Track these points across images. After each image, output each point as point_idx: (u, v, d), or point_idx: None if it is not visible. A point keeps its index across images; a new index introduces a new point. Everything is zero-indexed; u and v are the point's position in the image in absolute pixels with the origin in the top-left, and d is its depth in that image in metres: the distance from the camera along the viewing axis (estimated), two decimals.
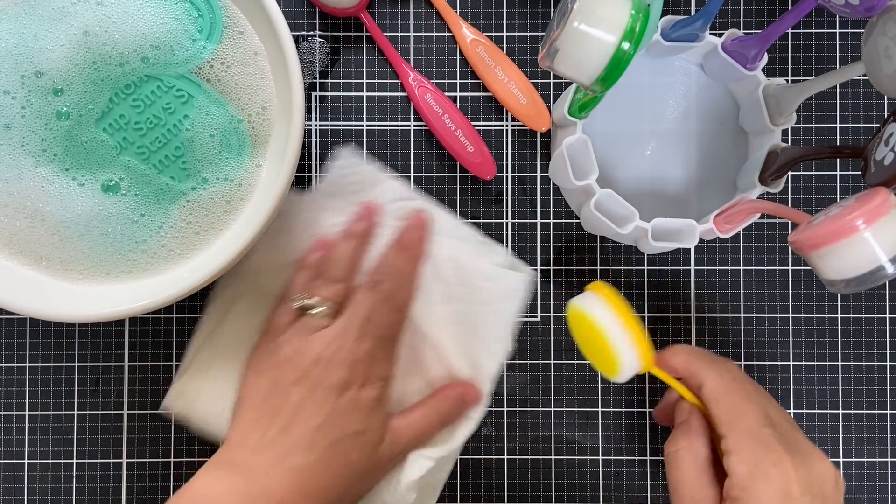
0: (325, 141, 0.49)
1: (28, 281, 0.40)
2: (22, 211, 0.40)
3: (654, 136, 0.48)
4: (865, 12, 0.35)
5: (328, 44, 0.49)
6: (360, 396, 0.41)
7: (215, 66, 0.41)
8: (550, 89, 0.49)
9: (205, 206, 0.42)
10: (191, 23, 0.40)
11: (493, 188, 0.49)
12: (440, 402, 0.44)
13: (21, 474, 0.48)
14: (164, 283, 0.41)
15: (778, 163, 0.42)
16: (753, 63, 0.44)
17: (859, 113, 0.49)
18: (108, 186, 0.41)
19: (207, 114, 0.41)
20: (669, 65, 0.48)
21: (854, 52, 0.49)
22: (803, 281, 0.49)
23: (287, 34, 0.39)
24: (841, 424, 0.49)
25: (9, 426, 0.48)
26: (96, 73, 0.40)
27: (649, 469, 0.49)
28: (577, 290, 0.49)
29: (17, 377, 0.49)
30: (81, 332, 0.49)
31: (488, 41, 0.48)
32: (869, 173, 0.36)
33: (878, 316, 0.49)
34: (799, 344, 0.49)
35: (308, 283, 0.44)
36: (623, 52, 0.33)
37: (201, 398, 0.45)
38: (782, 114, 0.44)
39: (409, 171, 0.49)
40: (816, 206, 0.49)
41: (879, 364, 0.49)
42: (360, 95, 0.49)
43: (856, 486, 0.49)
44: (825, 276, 0.35)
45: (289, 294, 0.44)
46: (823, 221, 0.35)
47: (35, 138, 0.40)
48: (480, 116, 0.49)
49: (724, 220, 0.44)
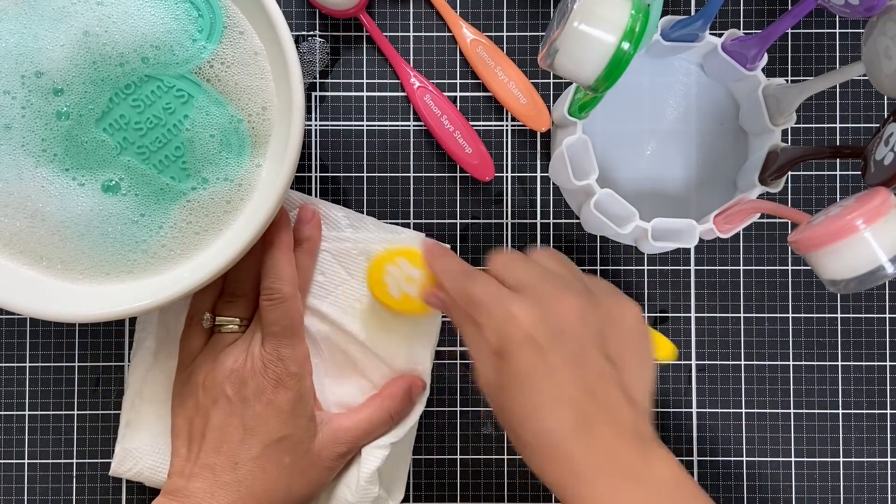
0: (325, 141, 0.49)
1: (28, 281, 0.40)
2: (22, 211, 0.40)
3: (654, 136, 0.48)
4: (865, 12, 0.35)
5: (328, 44, 0.49)
6: (276, 400, 0.41)
7: (215, 66, 0.41)
8: (550, 89, 0.49)
9: (205, 206, 0.42)
10: (191, 23, 0.40)
11: (493, 188, 0.49)
12: (386, 401, 0.45)
13: (21, 474, 0.48)
14: (164, 283, 0.41)
15: (778, 163, 0.42)
16: (753, 63, 0.44)
17: (859, 113, 0.49)
18: (109, 186, 0.41)
19: (207, 114, 0.41)
20: (669, 65, 0.48)
21: (854, 52, 0.49)
22: (803, 281, 0.49)
23: (287, 34, 0.39)
24: (841, 424, 0.49)
25: (9, 426, 0.48)
26: (96, 73, 0.40)
27: None
28: None
29: (17, 377, 0.49)
30: (81, 332, 0.49)
31: (488, 41, 0.48)
32: (869, 173, 0.36)
33: (878, 316, 0.49)
34: (799, 344, 0.49)
35: (212, 301, 0.44)
36: (623, 52, 0.33)
37: (147, 453, 0.45)
38: (782, 114, 0.44)
39: (409, 171, 0.49)
40: (816, 206, 0.49)
41: (879, 364, 0.49)
42: (360, 95, 0.49)
43: (856, 486, 0.49)
44: (825, 276, 0.35)
45: (195, 314, 0.44)
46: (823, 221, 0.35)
47: (35, 138, 0.40)
48: (480, 116, 0.49)
49: (724, 220, 0.44)
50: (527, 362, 0.34)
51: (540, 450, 0.34)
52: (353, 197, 0.49)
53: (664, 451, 0.34)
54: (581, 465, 0.33)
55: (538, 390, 0.34)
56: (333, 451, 0.43)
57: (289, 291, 0.42)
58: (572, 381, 0.34)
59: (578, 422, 0.34)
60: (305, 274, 0.45)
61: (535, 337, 0.34)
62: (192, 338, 0.44)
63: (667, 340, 0.41)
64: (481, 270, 0.38)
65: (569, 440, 0.33)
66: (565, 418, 0.34)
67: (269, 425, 0.41)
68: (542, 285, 0.36)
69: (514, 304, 0.35)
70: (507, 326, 0.35)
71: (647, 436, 0.35)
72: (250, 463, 0.41)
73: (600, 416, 0.34)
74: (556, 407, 0.34)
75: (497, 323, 0.35)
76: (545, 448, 0.34)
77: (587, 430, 0.33)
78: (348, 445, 0.43)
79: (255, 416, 0.41)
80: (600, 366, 0.35)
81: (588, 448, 0.33)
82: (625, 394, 0.35)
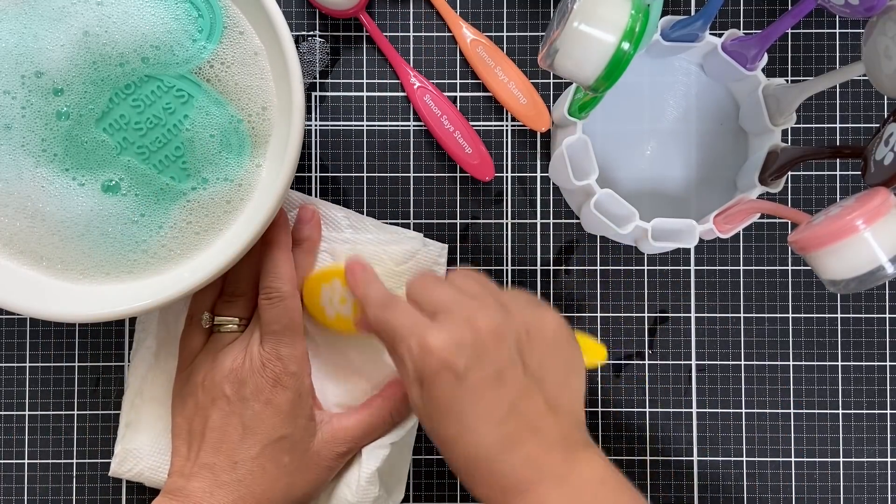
0: (325, 141, 0.49)
1: (28, 281, 0.40)
2: (22, 211, 0.40)
3: (654, 136, 0.48)
4: (865, 12, 0.35)
5: (328, 44, 0.49)
6: (275, 399, 0.41)
7: (215, 67, 0.41)
8: (550, 89, 0.49)
9: (205, 206, 0.42)
10: (191, 23, 0.40)
11: (493, 188, 0.49)
12: (387, 402, 0.44)
13: (21, 474, 0.48)
14: (164, 283, 0.41)
15: (778, 163, 0.42)
16: (753, 63, 0.44)
17: (859, 113, 0.49)
18: (109, 186, 0.41)
19: (207, 114, 0.41)
20: (669, 65, 0.48)
21: (854, 52, 0.49)
22: (803, 281, 0.49)
23: (287, 34, 0.39)
24: (841, 424, 0.49)
25: (9, 426, 0.48)
26: (96, 73, 0.40)
27: (649, 469, 0.49)
28: (576, 289, 0.49)
29: (17, 377, 0.49)
30: (81, 332, 0.49)
31: (488, 41, 0.48)
32: (869, 173, 0.36)
33: (878, 316, 0.49)
34: (799, 344, 0.49)
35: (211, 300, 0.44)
36: (623, 52, 0.33)
37: (148, 453, 0.45)
38: (782, 114, 0.44)
39: (409, 171, 0.49)
40: (816, 206, 0.49)
41: (879, 364, 0.49)
42: (360, 95, 0.49)
43: (856, 486, 0.49)
44: (825, 276, 0.35)
45: (195, 314, 0.44)
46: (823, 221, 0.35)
47: (35, 138, 0.40)
48: (480, 116, 0.49)
49: (724, 220, 0.44)
50: (446, 390, 0.34)
51: (469, 472, 0.35)
52: (353, 197, 0.49)
53: (591, 452, 0.35)
54: (508, 479, 0.34)
55: (458, 415, 0.34)
56: (333, 450, 0.43)
57: (288, 290, 0.42)
58: (494, 402, 0.34)
59: (503, 440, 0.34)
60: (304, 273, 0.45)
61: (451, 363, 0.34)
62: (191, 338, 0.44)
63: (595, 343, 0.41)
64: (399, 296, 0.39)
65: (495, 460, 0.34)
66: (490, 439, 0.34)
67: (268, 425, 0.41)
68: (457, 308, 0.36)
69: (429, 333, 0.35)
70: (424, 356, 0.35)
71: (575, 441, 0.35)
72: (249, 462, 0.41)
73: (524, 431, 0.34)
74: (480, 429, 0.34)
75: (414, 354, 0.35)
76: (474, 470, 0.34)
77: (512, 446, 0.34)
78: (348, 445, 0.43)
79: (254, 416, 0.41)
80: (520, 381, 0.35)
81: (514, 463, 0.34)
82: (549, 405, 0.35)
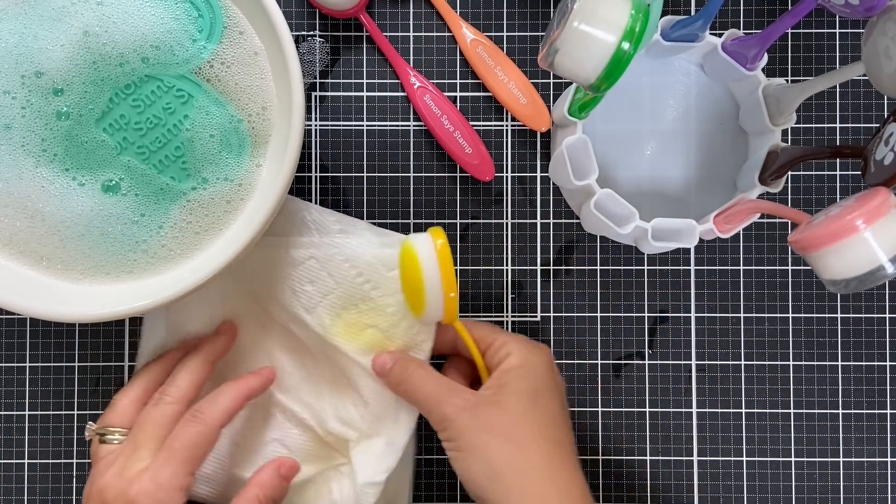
0: (325, 141, 0.49)
1: (28, 281, 0.40)
2: (22, 211, 0.40)
3: (654, 136, 0.48)
4: (865, 12, 0.35)
5: (328, 44, 0.49)
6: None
7: (215, 66, 0.41)
8: (550, 89, 0.49)
9: (205, 206, 0.42)
10: (191, 23, 0.40)
11: (493, 188, 0.49)
12: (254, 489, 0.42)
13: (21, 474, 0.48)
14: (164, 283, 0.41)
15: (778, 163, 0.42)
16: (753, 63, 0.44)
17: (859, 113, 0.49)
18: (109, 186, 0.41)
19: (207, 114, 0.41)
20: (669, 65, 0.48)
21: (854, 52, 0.49)
22: (803, 281, 0.49)
23: (287, 34, 0.39)
24: (841, 424, 0.49)
25: (9, 426, 0.48)
26: (96, 73, 0.40)
27: (649, 469, 0.49)
28: (576, 289, 0.49)
29: (17, 377, 0.49)
30: (81, 332, 0.49)
31: (488, 41, 0.48)
32: (869, 173, 0.36)
33: (878, 316, 0.49)
34: (799, 344, 0.49)
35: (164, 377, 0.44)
36: (623, 52, 0.33)
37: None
38: (782, 114, 0.44)
39: (409, 171, 0.49)
40: (816, 206, 0.49)
41: (879, 364, 0.49)
42: (360, 95, 0.49)
43: (856, 486, 0.49)
44: (825, 276, 0.35)
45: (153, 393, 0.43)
46: (823, 221, 0.35)
47: (35, 138, 0.40)
48: (480, 116, 0.49)
49: (724, 220, 0.44)
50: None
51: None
52: (353, 197, 0.49)
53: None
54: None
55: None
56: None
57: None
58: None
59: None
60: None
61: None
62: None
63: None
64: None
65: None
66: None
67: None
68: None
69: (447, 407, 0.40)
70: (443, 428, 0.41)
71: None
72: None
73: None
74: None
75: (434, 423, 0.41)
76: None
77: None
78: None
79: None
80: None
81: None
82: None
